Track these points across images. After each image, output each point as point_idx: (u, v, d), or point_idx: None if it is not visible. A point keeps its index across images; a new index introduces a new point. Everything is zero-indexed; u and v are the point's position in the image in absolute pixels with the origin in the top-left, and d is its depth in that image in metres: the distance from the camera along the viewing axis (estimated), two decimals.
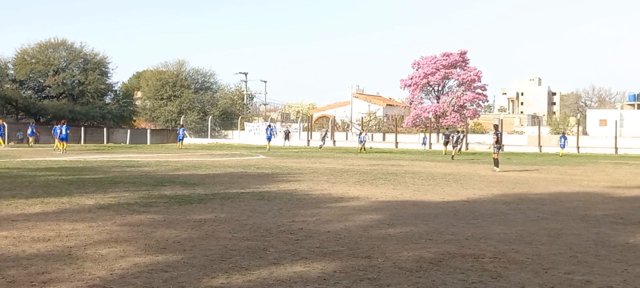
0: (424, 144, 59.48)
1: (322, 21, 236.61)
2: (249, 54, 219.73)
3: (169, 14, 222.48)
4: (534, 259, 7.18)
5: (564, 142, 45.24)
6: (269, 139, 50.18)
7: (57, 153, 34.79)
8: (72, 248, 7.27)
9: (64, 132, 36.87)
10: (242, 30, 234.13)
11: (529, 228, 9.53)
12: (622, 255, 7.52)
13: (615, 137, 54.17)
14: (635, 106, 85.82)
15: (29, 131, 49.08)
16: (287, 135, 58.48)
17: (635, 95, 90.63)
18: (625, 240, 8.58)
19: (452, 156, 37.57)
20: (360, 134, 48.98)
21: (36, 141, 51.90)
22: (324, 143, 54.91)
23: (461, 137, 42.83)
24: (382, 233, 8.81)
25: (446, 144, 42.55)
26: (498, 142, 24.16)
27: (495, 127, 25.90)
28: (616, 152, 52.15)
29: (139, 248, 7.35)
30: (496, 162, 23.68)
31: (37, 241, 7.69)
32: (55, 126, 38.91)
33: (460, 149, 39.30)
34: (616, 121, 58.04)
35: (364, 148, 46.67)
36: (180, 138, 50.64)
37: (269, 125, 58.72)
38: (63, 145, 36.73)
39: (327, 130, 62.38)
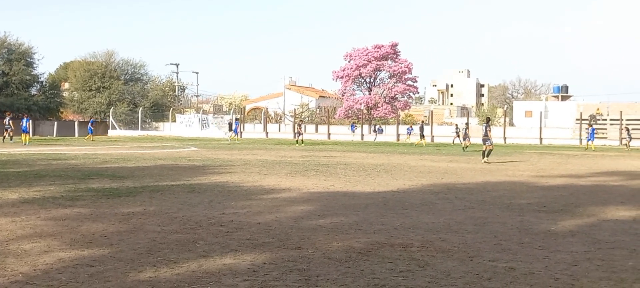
0: (353, 130, 60.02)
1: (255, 12, 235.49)
2: (180, 45, 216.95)
3: (98, 4, 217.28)
4: (460, 247, 7.34)
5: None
6: (236, 132, 51.93)
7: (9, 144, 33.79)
8: None
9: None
10: (174, 21, 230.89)
11: (456, 217, 9.74)
12: (544, 242, 7.77)
13: (540, 127, 55.81)
14: (560, 98, 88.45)
15: None
16: (230, 127, 58.18)
17: (559, 87, 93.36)
18: (547, 227, 8.86)
19: (464, 148, 38.09)
20: (299, 125, 48.39)
21: None
22: (235, 133, 54.86)
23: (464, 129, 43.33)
24: (313, 224, 8.85)
25: (458, 136, 43.66)
26: (487, 135, 24.40)
27: (488, 119, 25.96)
28: (541, 142, 53.76)
29: (64, 243, 7.18)
30: (487, 153, 23.94)
31: None
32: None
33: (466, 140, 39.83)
34: (541, 112, 59.75)
35: (302, 140, 46.25)
36: (91, 130, 50.70)
37: (237, 119, 58.85)
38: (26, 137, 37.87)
39: (236, 119, 61.48)
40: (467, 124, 44.94)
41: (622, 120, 54.22)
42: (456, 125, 51.63)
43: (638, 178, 17.77)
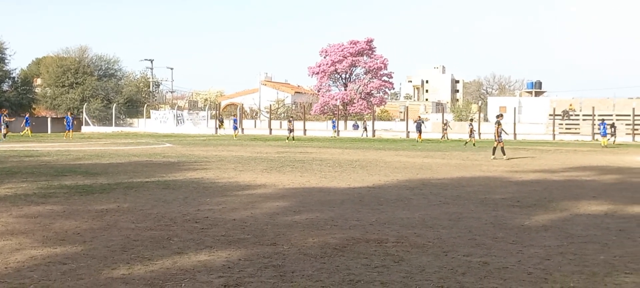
0: (334, 127, 60.09)
1: (230, 8, 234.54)
2: (155, 40, 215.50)
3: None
4: (435, 243, 7.37)
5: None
6: (235, 129, 51.62)
7: None
8: None
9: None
10: (148, 16, 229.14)
11: (431, 212, 9.78)
12: (517, 237, 7.83)
13: (514, 123, 56.21)
14: (533, 93, 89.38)
15: None
16: (222, 122, 58.26)
17: (533, 83, 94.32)
18: (521, 222, 8.94)
19: (473, 143, 38.43)
20: (290, 121, 47.61)
21: None
22: (235, 130, 54.45)
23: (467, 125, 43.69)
24: (288, 220, 8.84)
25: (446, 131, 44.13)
26: (498, 132, 24.46)
27: (500, 116, 25.93)
28: (515, 137, 54.18)
29: (36, 241, 7.10)
30: (502, 150, 23.96)
31: None
32: None
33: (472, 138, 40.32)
34: (515, 108, 60.29)
35: (293, 137, 45.55)
36: (70, 127, 48.18)
37: (236, 116, 58.51)
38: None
39: (234, 116, 61.33)
40: (471, 120, 45.65)
41: (595, 115, 54.85)
42: (446, 120, 52.32)
43: (610, 173, 17.99)
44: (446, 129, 42.72)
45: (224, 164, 19.34)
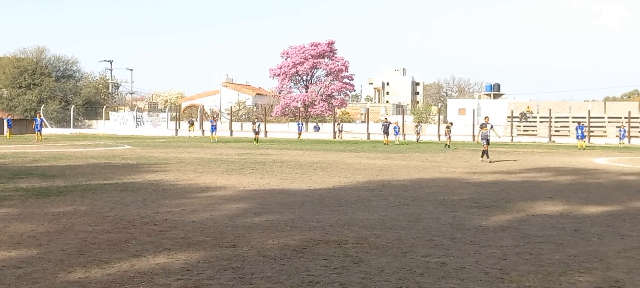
0: (300, 129, 60.08)
1: (191, 8, 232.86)
2: (114, 41, 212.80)
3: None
4: (394, 243, 7.43)
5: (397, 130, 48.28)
6: (213, 130, 49.41)
7: None
8: None
9: None
10: (107, 16, 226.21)
11: (391, 213, 9.85)
12: (475, 237, 7.93)
13: (473, 125, 56.84)
14: (492, 96, 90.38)
15: None
16: (192, 123, 57.60)
17: (491, 85, 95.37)
18: (479, 223, 9.06)
19: (448, 145, 39.73)
20: (256, 123, 46.31)
21: None
22: (213, 131, 52.85)
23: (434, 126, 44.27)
24: (248, 222, 8.82)
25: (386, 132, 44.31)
26: (487, 135, 24.51)
27: (486, 118, 26.07)
28: (474, 139, 54.82)
29: None
30: (486, 153, 24.04)
31: None
32: None
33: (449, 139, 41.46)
34: (474, 110, 60.96)
35: (258, 138, 44.45)
36: (38, 128, 46.74)
37: (213, 118, 57.27)
38: None
39: (212, 118, 59.54)
40: (451, 123, 46.27)
41: (552, 117, 55.81)
42: (386, 118, 52.91)
43: (566, 174, 18.32)
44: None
45: (183, 166, 19.20)
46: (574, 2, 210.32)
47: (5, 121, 50.73)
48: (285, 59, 72.38)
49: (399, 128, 49.50)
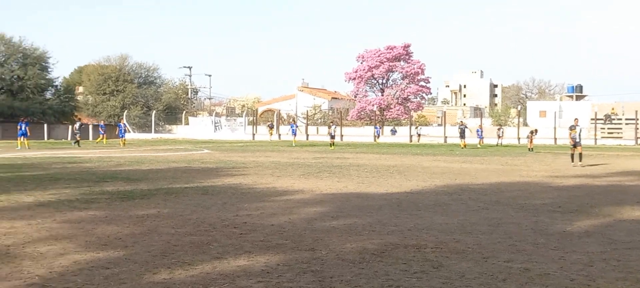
0: (377, 133, 59.96)
1: (267, 14, 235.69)
2: (193, 48, 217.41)
3: (112, 8, 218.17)
4: (475, 248, 7.31)
5: (481, 133, 47.38)
6: (294, 134, 50.00)
7: (25, 150, 34.19)
8: (10, 247, 7.09)
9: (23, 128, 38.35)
10: (187, 24, 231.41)
11: (470, 218, 9.70)
12: (559, 243, 7.72)
13: (555, 127, 55.52)
14: (574, 97, 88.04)
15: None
16: (272, 126, 58.29)
17: (573, 86, 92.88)
18: (562, 228, 8.81)
19: (530, 149, 39.24)
20: (332, 127, 45.96)
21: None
22: (294, 135, 51.26)
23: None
24: (326, 225, 8.85)
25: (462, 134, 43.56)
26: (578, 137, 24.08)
27: (576, 121, 25.29)
28: (555, 142, 53.46)
29: (79, 246, 7.22)
30: (575, 157, 23.54)
31: None
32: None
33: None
34: (555, 112, 59.55)
35: (333, 143, 44.01)
36: (122, 134, 48.17)
37: (294, 121, 57.72)
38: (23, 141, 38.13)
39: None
40: (535, 130, 45.57)
41: (638, 119, 53.83)
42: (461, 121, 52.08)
43: None
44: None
45: (261, 170, 19.45)
46: None
47: (99, 127, 52.53)
48: (361, 63, 72.42)
49: (481, 131, 48.76)
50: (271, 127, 60.23)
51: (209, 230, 8.40)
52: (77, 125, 46.32)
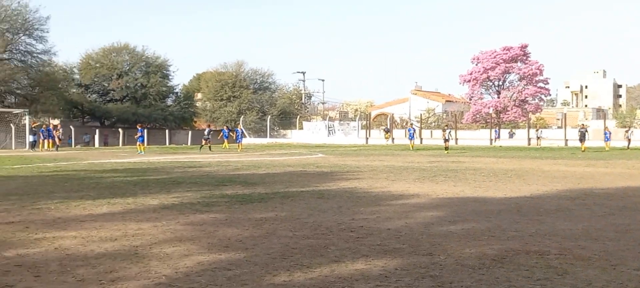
0: (497, 137, 58.63)
1: (380, 18, 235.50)
2: (306, 53, 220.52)
3: (229, 17, 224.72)
4: (601, 255, 6.99)
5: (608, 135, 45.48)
6: (412, 138, 49.29)
7: (141, 155, 35.95)
8: (138, 248, 7.43)
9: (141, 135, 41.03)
10: (300, 30, 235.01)
11: (595, 224, 9.29)
12: None
13: None
14: None
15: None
16: (387, 130, 57.78)
17: None
18: None
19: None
20: (446, 130, 44.93)
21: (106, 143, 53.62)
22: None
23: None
24: (444, 230, 8.72)
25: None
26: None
27: None
28: None
29: (202, 247, 7.46)
30: None
31: (105, 241, 7.88)
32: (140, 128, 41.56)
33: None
34: None
35: (447, 146, 43.20)
36: (239, 139, 49.66)
37: (411, 125, 57.49)
38: (141, 146, 40.52)
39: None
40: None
41: None
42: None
43: None
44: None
45: (375, 174, 19.43)
46: None
47: (221, 132, 53.90)
48: (476, 64, 71.10)
49: (609, 134, 46.70)
50: (387, 131, 59.95)
51: (325, 233, 8.46)
52: (206, 131, 48.02)
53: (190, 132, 71.85)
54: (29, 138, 48.47)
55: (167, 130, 68.65)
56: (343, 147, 50.44)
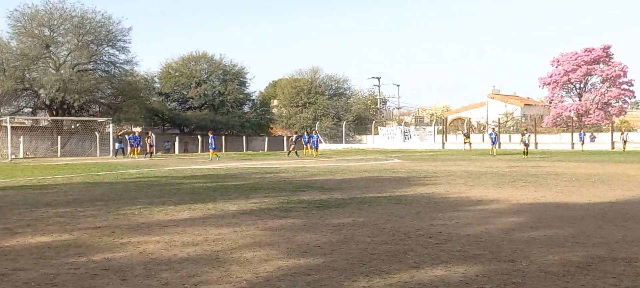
0: (581, 139, 56.86)
1: (456, 21, 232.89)
2: (381, 58, 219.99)
3: (302, 25, 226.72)
4: None
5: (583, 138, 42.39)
6: (495, 143, 46.36)
7: (216, 160, 36.64)
8: (219, 252, 7.56)
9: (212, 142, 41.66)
10: (375, 35, 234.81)
11: None
12: None
13: None
14: None
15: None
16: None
17: None
18: None
19: None
20: (525, 134, 43.43)
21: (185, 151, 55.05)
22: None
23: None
24: (525, 236, 8.54)
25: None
26: None
27: None
28: None
29: (281, 252, 7.54)
30: None
31: (187, 245, 8.07)
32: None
33: None
34: None
35: (526, 151, 41.43)
36: (315, 145, 48.70)
37: (493, 129, 55.63)
38: (214, 153, 41.35)
39: (298, 136, 53.80)
40: None
41: None
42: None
43: None
44: None
45: (453, 179, 19.19)
46: None
47: (301, 138, 53.92)
48: (556, 67, 69.40)
49: None
50: (467, 136, 58.88)
51: (404, 239, 8.41)
52: (293, 138, 48.51)
53: (266, 139, 72.77)
54: (115, 145, 49.98)
55: (244, 137, 69.72)
56: (419, 152, 50.06)
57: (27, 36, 55.76)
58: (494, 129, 57.42)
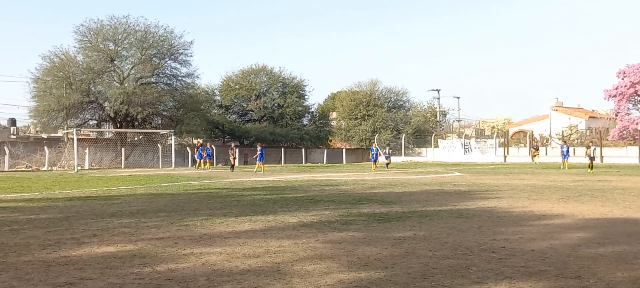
0: None
1: (518, 32, 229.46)
2: (441, 70, 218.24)
3: (362, 38, 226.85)
4: None
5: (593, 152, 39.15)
6: (566, 157, 43.41)
7: (260, 174, 36.74)
8: (280, 265, 7.59)
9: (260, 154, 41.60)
10: (435, 47, 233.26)
11: None
12: None
13: None
14: None
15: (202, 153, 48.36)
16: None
17: None
18: None
19: None
20: (590, 147, 41.42)
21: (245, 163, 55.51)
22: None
23: None
24: (592, 252, 8.31)
25: None
26: None
27: None
28: None
29: (342, 265, 7.52)
30: None
31: (248, 257, 8.12)
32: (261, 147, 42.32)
33: None
34: None
35: (592, 165, 40.07)
36: (374, 158, 47.82)
37: (565, 143, 53.60)
38: (261, 165, 41.32)
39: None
40: None
41: None
42: None
43: None
44: None
45: (516, 193, 18.85)
46: None
47: (370, 151, 52.99)
48: (622, 79, 67.54)
49: None
50: (537, 149, 57.20)
51: (466, 253, 8.29)
52: (373, 151, 48.20)
53: (325, 151, 72.89)
54: (195, 155, 48.63)
55: (303, 149, 69.97)
56: (480, 166, 49.36)
57: (92, 50, 57.27)
58: (565, 141, 55.74)
